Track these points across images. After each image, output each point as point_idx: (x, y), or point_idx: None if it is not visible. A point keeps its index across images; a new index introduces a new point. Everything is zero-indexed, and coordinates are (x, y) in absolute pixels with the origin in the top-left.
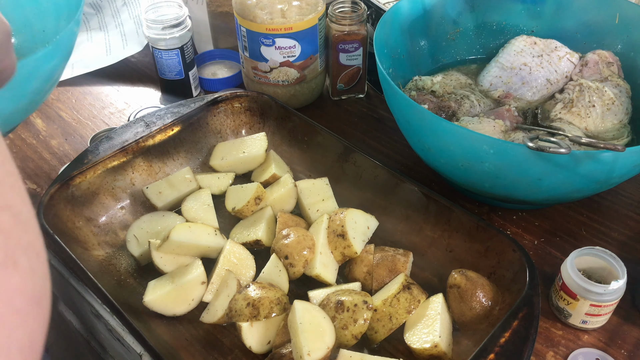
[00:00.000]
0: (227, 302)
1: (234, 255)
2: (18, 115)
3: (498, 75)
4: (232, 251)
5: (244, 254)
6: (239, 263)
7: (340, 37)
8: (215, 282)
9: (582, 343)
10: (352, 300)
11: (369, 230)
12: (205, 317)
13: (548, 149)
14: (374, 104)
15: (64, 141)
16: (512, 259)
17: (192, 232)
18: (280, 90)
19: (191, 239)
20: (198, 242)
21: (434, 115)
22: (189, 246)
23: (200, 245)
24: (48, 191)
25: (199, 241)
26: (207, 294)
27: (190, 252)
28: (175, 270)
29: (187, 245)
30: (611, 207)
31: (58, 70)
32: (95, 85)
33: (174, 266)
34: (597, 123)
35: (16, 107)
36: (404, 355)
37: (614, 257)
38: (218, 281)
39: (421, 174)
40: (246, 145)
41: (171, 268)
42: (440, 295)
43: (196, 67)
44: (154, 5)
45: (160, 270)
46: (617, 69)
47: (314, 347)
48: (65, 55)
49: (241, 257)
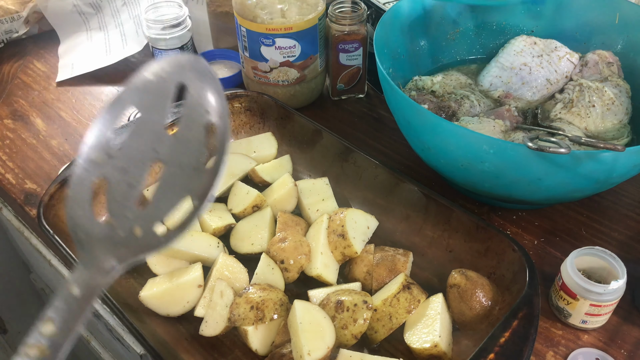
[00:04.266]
0: (225, 312)
1: (227, 269)
2: None
3: (498, 75)
4: (225, 264)
5: (237, 267)
6: (232, 277)
7: (340, 37)
8: (208, 296)
9: (582, 343)
10: (352, 300)
11: (369, 230)
12: (205, 331)
13: (548, 149)
14: (374, 104)
15: (64, 141)
16: (512, 259)
17: (192, 240)
18: (280, 90)
19: (187, 247)
20: (192, 251)
21: (434, 115)
22: (184, 253)
23: (194, 253)
24: (48, 191)
25: (193, 249)
26: (200, 308)
27: (184, 257)
28: (175, 271)
29: (182, 252)
30: (611, 207)
31: None
32: (95, 85)
33: (167, 268)
34: (597, 123)
35: None
36: (404, 355)
37: (614, 257)
38: (210, 294)
39: (421, 174)
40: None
41: (163, 270)
42: (440, 295)
43: None
44: (154, 5)
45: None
46: (617, 69)
47: (314, 347)
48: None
49: (234, 271)
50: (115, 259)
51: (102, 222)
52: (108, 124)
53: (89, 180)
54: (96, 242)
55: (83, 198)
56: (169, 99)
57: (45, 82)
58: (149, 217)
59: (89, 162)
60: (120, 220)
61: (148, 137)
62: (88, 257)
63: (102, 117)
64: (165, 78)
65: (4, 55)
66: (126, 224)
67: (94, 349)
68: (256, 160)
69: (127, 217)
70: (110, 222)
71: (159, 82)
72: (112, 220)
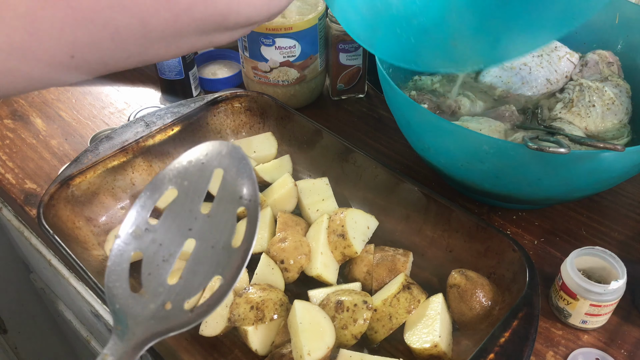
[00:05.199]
0: (226, 312)
1: None
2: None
3: (498, 75)
4: None
5: None
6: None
7: (340, 37)
8: (207, 296)
9: (582, 343)
10: (352, 300)
11: (369, 230)
12: (205, 331)
13: (548, 149)
14: (374, 104)
15: (64, 141)
16: (512, 259)
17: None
18: (280, 90)
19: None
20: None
21: (434, 115)
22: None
23: None
24: (48, 191)
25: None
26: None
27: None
28: None
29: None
30: (611, 207)
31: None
32: (95, 85)
33: None
34: (597, 123)
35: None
36: (404, 355)
37: (613, 257)
38: (209, 294)
39: (421, 174)
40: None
41: None
42: (440, 295)
43: (196, 67)
44: None
45: None
46: (617, 69)
47: (314, 347)
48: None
49: None
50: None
51: (136, 295)
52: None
53: (127, 253)
54: (130, 314)
55: (121, 271)
56: (206, 182)
57: None
58: (180, 293)
59: (128, 235)
60: (153, 294)
61: (184, 216)
62: (123, 329)
63: (143, 194)
64: (205, 163)
65: None
66: (159, 298)
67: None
68: (256, 160)
69: (159, 292)
70: (144, 295)
71: (198, 165)
72: (146, 293)
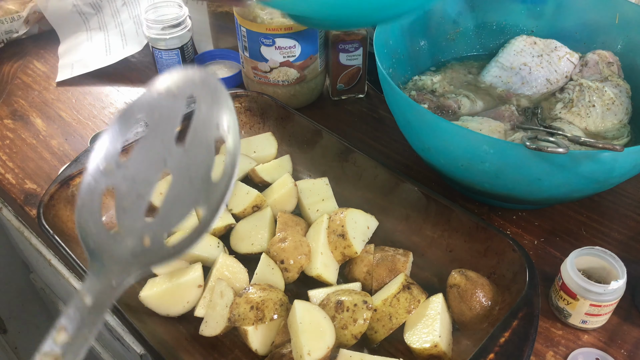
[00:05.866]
0: (226, 312)
1: (227, 269)
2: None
3: (498, 75)
4: (225, 264)
5: (237, 268)
6: (232, 277)
7: (340, 37)
8: (208, 296)
9: (582, 343)
10: (352, 300)
11: (369, 230)
12: (205, 331)
13: (546, 149)
14: (374, 104)
15: (64, 141)
16: (512, 259)
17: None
18: (280, 90)
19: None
20: (192, 251)
21: (434, 115)
22: None
23: (194, 254)
24: (48, 191)
25: (193, 249)
26: (200, 308)
27: (184, 257)
28: (175, 271)
29: None
30: (611, 207)
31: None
32: (95, 85)
33: (167, 268)
34: (597, 123)
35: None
36: (404, 355)
37: (613, 257)
38: (210, 294)
39: (421, 174)
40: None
41: (163, 270)
42: (440, 295)
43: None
44: (154, 5)
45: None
46: (617, 69)
47: (314, 347)
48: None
49: (234, 271)
50: (125, 268)
51: (111, 232)
52: (117, 134)
53: (99, 189)
54: (106, 252)
55: (93, 207)
56: (179, 113)
57: (45, 82)
58: (158, 228)
59: (98, 171)
60: (129, 230)
61: (157, 149)
62: (99, 267)
63: (111, 128)
64: (176, 92)
65: (4, 55)
66: (135, 234)
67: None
68: (256, 160)
69: (136, 227)
70: (119, 231)
71: (169, 95)
72: (121, 230)
